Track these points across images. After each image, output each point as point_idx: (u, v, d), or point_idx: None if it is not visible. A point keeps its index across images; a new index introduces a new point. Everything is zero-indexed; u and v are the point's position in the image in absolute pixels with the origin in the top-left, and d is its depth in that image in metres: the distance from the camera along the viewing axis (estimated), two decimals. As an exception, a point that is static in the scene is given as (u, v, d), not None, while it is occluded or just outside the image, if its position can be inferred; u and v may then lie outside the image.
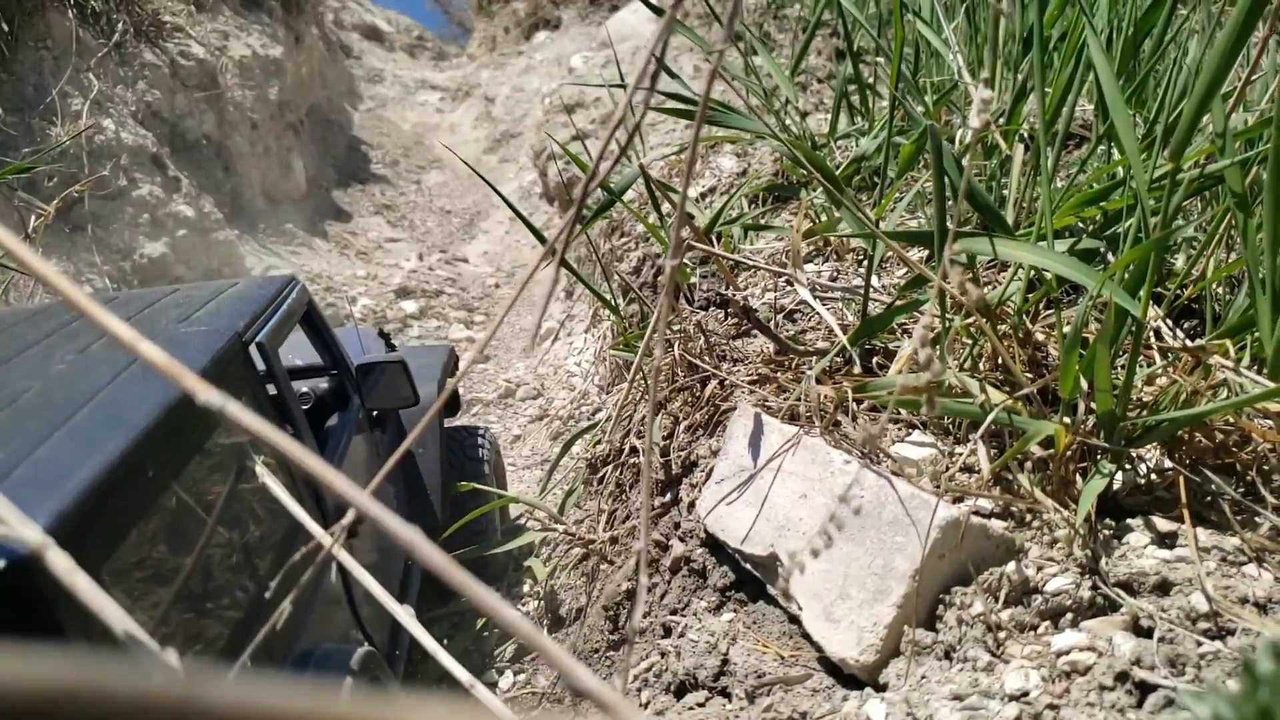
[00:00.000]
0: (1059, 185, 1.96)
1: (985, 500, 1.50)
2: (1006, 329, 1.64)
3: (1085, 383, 1.44)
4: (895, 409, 1.68)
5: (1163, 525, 1.39)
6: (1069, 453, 1.44)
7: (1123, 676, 1.17)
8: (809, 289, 2.07)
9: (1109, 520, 1.44)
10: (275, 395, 2.15)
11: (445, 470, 3.34)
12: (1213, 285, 1.68)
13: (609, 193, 2.27)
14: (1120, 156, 1.82)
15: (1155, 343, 1.59)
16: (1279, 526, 1.33)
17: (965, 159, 1.95)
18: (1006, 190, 2.01)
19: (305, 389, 2.83)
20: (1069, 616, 1.32)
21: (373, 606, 2.39)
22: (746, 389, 2.04)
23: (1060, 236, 1.80)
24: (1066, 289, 1.85)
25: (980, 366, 1.68)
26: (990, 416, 1.41)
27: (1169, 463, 1.44)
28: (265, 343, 2.08)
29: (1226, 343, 1.45)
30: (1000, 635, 1.35)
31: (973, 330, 1.67)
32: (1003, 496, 1.49)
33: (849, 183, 2.63)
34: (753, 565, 1.74)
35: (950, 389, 1.57)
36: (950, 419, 1.68)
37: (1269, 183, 1.27)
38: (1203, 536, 1.35)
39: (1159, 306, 1.64)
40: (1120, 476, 1.46)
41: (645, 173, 2.31)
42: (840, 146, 3.05)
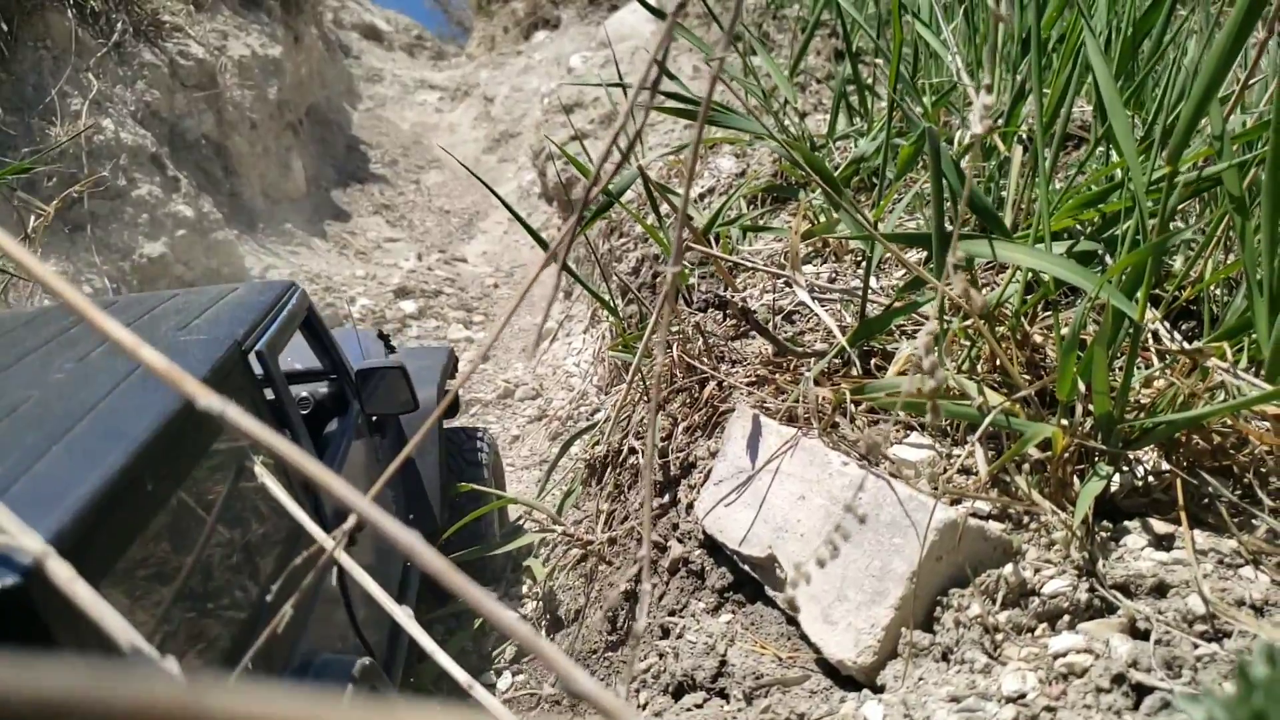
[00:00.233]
0: (1057, 187, 1.96)
1: (983, 502, 1.50)
2: (1004, 331, 1.64)
3: (1083, 385, 1.44)
4: (899, 412, 1.68)
5: (1160, 527, 1.39)
6: (1066, 455, 1.44)
7: (1119, 679, 1.18)
8: (807, 290, 2.07)
9: (1106, 522, 1.44)
10: (274, 402, 2.15)
11: (444, 473, 3.34)
12: (1210, 287, 1.68)
13: (608, 195, 2.27)
14: (1118, 158, 1.82)
15: (1153, 345, 1.59)
16: (1276, 529, 1.33)
17: (965, 163, 1.95)
18: (1005, 192, 2.01)
19: (305, 394, 2.83)
20: (1066, 619, 1.32)
21: (370, 612, 2.39)
22: (745, 390, 2.05)
23: (1058, 238, 1.80)
24: (1064, 291, 1.85)
25: (978, 368, 1.68)
26: (988, 418, 1.41)
27: (1166, 465, 1.44)
28: (265, 351, 2.08)
29: (1224, 345, 1.45)
30: (997, 637, 1.35)
31: (971, 332, 1.67)
32: (1000, 498, 1.49)
33: (848, 184, 2.63)
34: (751, 566, 1.74)
35: (948, 391, 1.57)
36: (948, 421, 1.68)
37: (1267, 185, 1.27)
38: (1200, 539, 1.35)
39: (1157, 309, 1.64)
40: (1118, 479, 1.46)
41: (644, 174, 2.31)
42: (839, 147, 3.05)
